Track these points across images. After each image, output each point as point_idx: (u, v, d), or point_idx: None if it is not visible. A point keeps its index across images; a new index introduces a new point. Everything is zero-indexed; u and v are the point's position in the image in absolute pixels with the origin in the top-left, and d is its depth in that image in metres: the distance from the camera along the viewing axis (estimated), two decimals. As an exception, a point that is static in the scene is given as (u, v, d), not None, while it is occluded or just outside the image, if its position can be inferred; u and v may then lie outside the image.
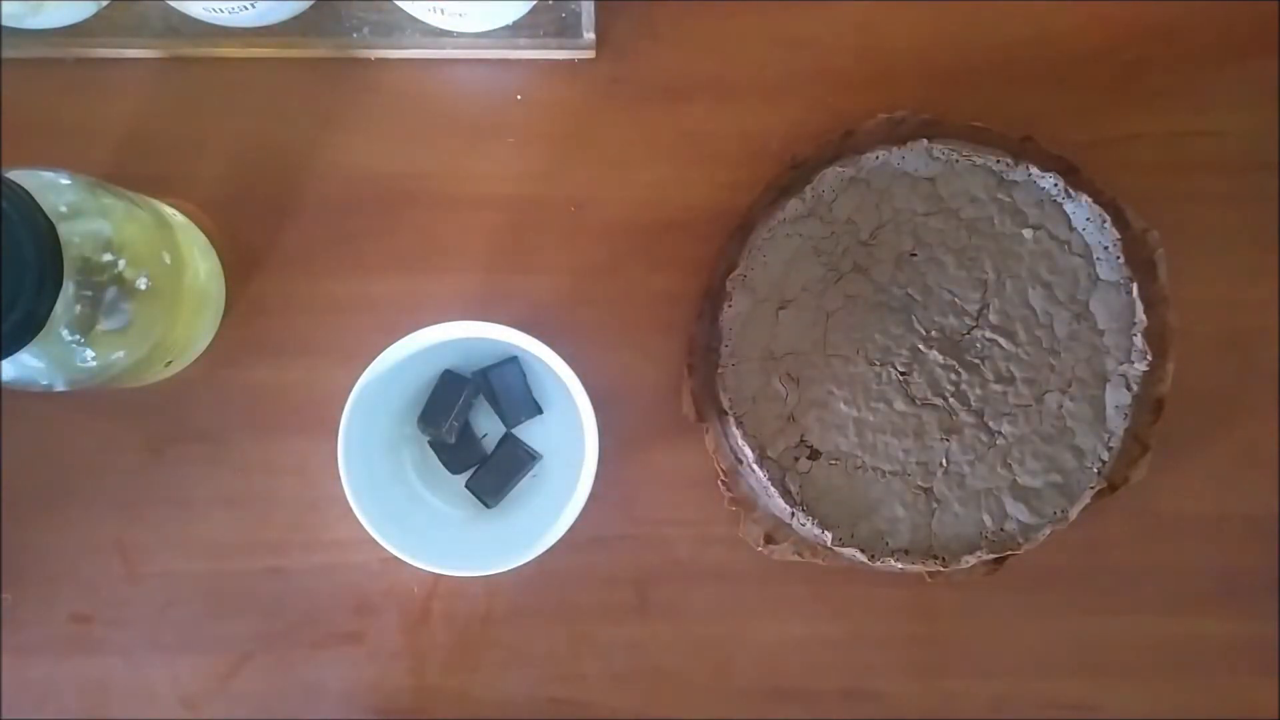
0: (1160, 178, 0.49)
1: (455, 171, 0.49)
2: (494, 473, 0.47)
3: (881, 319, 0.45)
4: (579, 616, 0.49)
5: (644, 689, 0.49)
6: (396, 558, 0.42)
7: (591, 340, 0.48)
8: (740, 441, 0.44)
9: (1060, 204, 0.45)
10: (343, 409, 0.42)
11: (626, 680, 0.49)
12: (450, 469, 0.48)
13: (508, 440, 0.48)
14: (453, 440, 0.46)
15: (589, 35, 0.47)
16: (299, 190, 0.49)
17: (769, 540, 0.47)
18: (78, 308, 0.38)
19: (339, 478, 0.42)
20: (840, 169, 0.45)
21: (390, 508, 0.43)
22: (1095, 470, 0.44)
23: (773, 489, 0.44)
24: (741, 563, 0.48)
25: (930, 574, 0.45)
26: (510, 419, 0.47)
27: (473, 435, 0.48)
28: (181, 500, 0.48)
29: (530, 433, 0.48)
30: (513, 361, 0.47)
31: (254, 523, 0.48)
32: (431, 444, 0.48)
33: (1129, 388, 0.44)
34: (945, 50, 0.49)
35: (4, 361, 0.36)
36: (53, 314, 0.35)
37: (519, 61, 0.49)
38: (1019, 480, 0.45)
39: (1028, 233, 0.45)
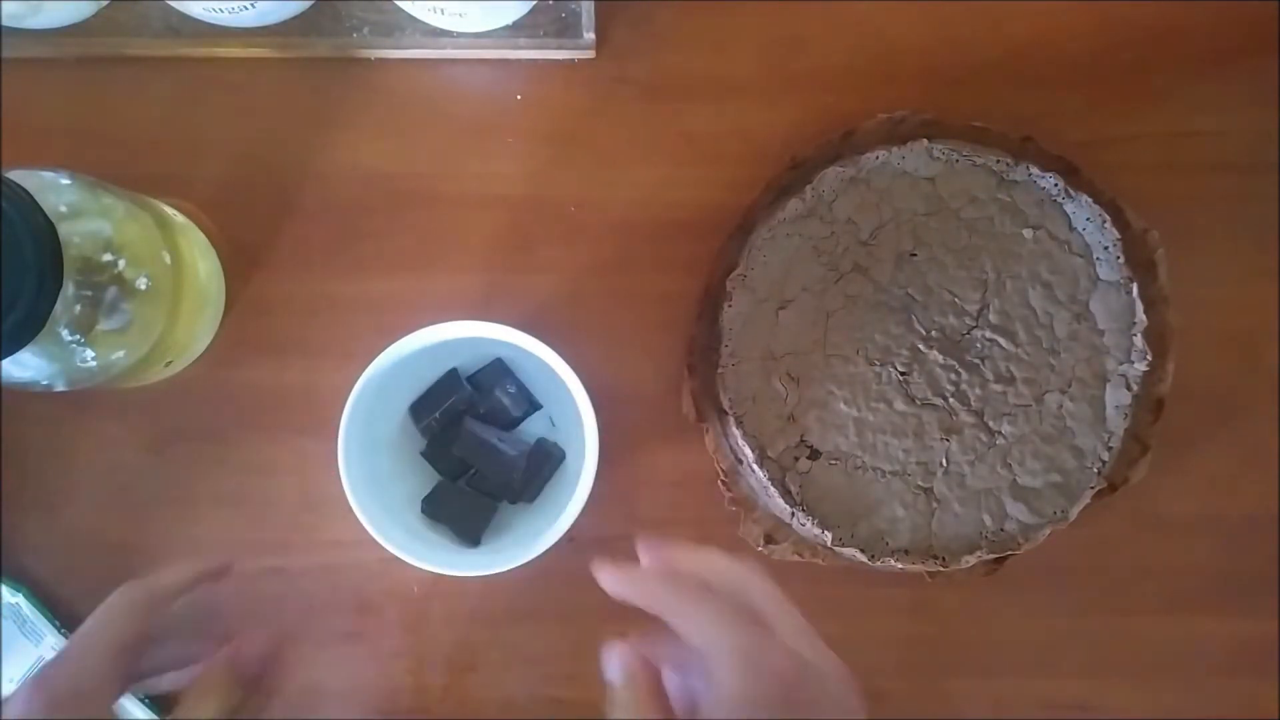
0: (1160, 178, 0.49)
1: (455, 171, 0.49)
2: (524, 474, 0.47)
3: (881, 319, 0.45)
4: (579, 616, 0.48)
5: (644, 689, 0.49)
6: (396, 558, 0.42)
7: (591, 340, 0.48)
8: (740, 441, 0.44)
9: (1060, 204, 0.45)
10: (343, 409, 0.42)
11: (626, 680, 0.49)
12: (446, 476, 0.48)
13: (538, 443, 0.48)
14: (427, 440, 0.47)
15: (589, 35, 0.47)
16: (299, 190, 0.49)
17: (769, 540, 0.47)
18: (78, 308, 0.38)
19: (339, 478, 0.42)
20: (840, 169, 0.45)
21: (390, 508, 0.43)
22: (1095, 470, 0.44)
23: (773, 489, 0.44)
24: (741, 563, 0.48)
25: (930, 574, 0.45)
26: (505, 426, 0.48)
27: (456, 445, 0.48)
28: (181, 500, 0.48)
29: (530, 432, 0.48)
30: (497, 363, 0.47)
31: (254, 523, 0.48)
32: (423, 454, 0.48)
33: (1129, 388, 0.44)
34: (945, 50, 0.49)
35: (4, 361, 0.36)
36: (53, 314, 0.35)
37: (519, 61, 0.49)
38: (1019, 480, 0.44)
39: (1028, 233, 0.45)
